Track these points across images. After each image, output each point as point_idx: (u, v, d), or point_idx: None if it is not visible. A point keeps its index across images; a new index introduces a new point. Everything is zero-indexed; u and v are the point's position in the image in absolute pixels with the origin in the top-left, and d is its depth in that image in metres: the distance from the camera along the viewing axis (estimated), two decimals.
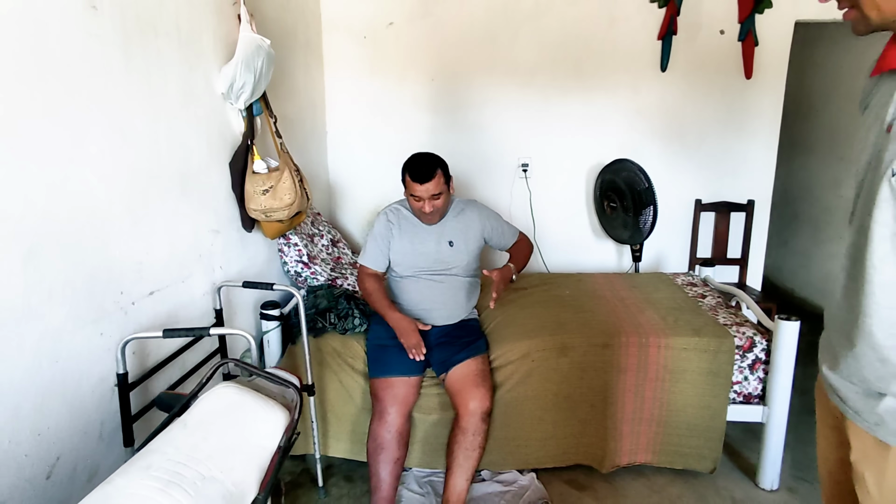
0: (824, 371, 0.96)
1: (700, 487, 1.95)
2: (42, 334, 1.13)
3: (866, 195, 0.83)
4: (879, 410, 0.84)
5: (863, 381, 0.86)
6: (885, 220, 0.79)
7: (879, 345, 0.82)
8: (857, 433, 0.89)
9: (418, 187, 1.86)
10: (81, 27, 1.21)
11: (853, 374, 0.88)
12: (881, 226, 0.80)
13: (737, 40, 2.81)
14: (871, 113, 0.87)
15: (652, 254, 3.08)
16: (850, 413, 0.90)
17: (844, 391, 0.91)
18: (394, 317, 1.92)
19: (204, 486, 0.87)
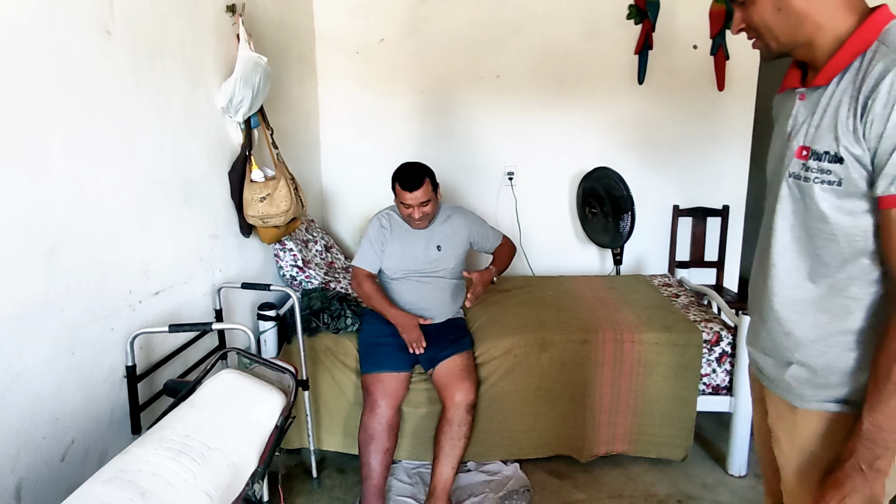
0: (748, 348, 1.10)
1: (673, 475, 2.07)
2: (60, 327, 1.25)
3: (772, 194, 0.97)
4: (787, 377, 0.97)
5: (774, 352, 0.99)
6: (785, 213, 0.93)
7: (784, 319, 0.95)
8: (773, 399, 1.02)
9: (408, 195, 1.98)
10: (97, 50, 1.34)
11: (767, 347, 1.02)
12: (782, 219, 0.94)
13: (709, 54, 2.97)
14: (779, 124, 1.01)
15: (633, 257, 3.21)
16: (767, 381, 1.03)
17: (761, 363, 1.04)
18: (395, 314, 2.03)
19: (210, 456, 0.99)
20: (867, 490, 0.82)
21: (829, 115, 0.86)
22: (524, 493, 1.98)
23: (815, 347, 0.93)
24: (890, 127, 0.78)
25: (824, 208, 0.87)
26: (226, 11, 1.96)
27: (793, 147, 0.92)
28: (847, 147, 0.82)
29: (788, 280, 0.94)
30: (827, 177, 0.85)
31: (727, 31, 2.91)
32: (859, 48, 0.83)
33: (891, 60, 0.79)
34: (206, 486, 0.94)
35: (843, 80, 0.85)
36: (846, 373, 0.90)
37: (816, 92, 0.90)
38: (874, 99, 0.79)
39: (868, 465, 0.82)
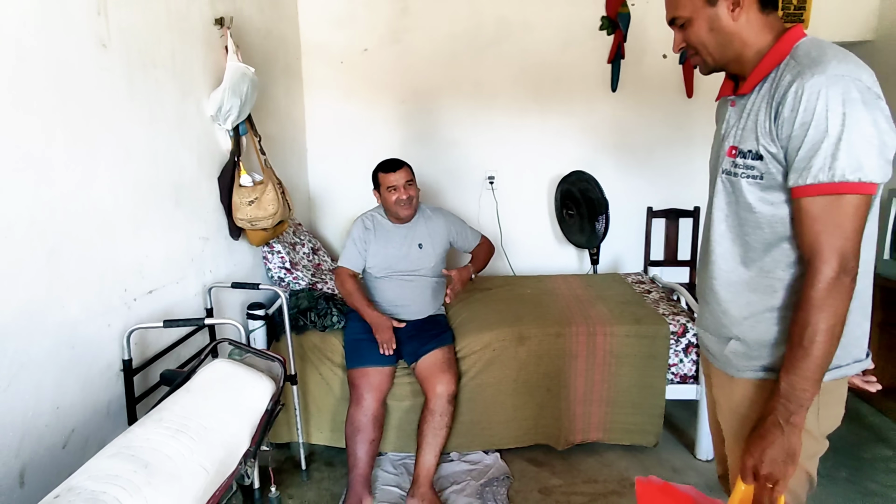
0: (697, 329, 1.23)
1: (645, 460, 2.19)
2: (61, 322, 1.33)
3: (711, 188, 1.10)
4: (726, 352, 1.09)
5: (716, 330, 1.12)
6: (720, 205, 1.06)
7: (722, 300, 1.08)
8: (716, 372, 1.15)
9: (392, 176, 2.10)
10: (95, 62, 1.43)
11: (710, 326, 1.14)
12: (718, 210, 1.07)
13: (678, 63, 3.13)
14: (717, 128, 1.15)
15: (610, 257, 3.34)
16: (711, 357, 1.16)
17: (706, 341, 1.17)
18: (371, 314, 2.13)
19: (206, 435, 1.08)
20: (785, 442, 0.93)
21: (752, 118, 0.99)
22: (504, 480, 2.08)
23: (747, 324, 1.05)
24: (795, 128, 0.90)
25: (751, 200, 0.99)
26: (214, 24, 2.05)
27: (725, 147, 1.05)
28: (765, 146, 0.96)
29: (725, 264, 1.07)
30: (751, 172, 0.98)
31: None
32: (775, 61, 0.97)
33: (796, 73, 0.91)
34: (203, 461, 1.03)
35: (762, 89, 0.98)
36: (772, 344, 1.02)
37: (743, 99, 1.03)
38: (783, 105, 0.92)
39: (785, 421, 0.93)
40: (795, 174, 0.92)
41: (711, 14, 0.99)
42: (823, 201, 0.89)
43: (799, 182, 0.91)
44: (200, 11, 1.97)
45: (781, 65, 0.96)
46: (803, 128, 0.89)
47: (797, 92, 0.90)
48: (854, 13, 3.00)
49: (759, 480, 0.96)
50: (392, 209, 2.18)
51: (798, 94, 0.89)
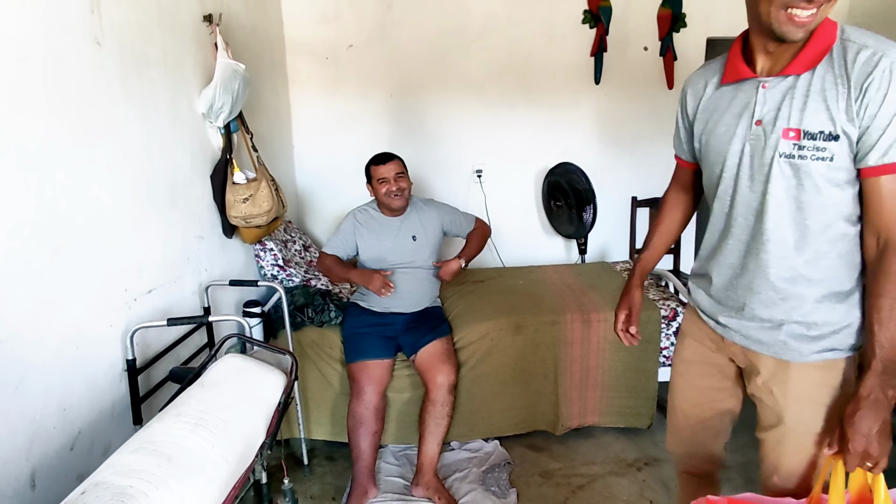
0: (724, 321, 1.18)
1: (640, 441, 2.25)
2: (66, 323, 1.32)
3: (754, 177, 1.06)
4: (783, 338, 1.08)
5: (770, 318, 1.10)
6: (775, 192, 1.02)
7: (780, 287, 1.07)
8: (762, 360, 1.13)
9: (382, 168, 2.13)
10: (90, 60, 1.41)
11: (759, 314, 1.11)
12: (774, 197, 1.03)
13: (658, 55, 3.20)
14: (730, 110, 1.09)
15: (596, 247, 3.41)
16: (756, 346, 1.13)
17: (747, 331, 1.14)
18: (355, 273, 2.16)
19: (225, 428, 1.09)
20: (887, 415, 0.95)
21: (817, 98, 0.96)
22: (505, 466, 2.13)
23: (807, 307, 1.05)
24: (884, 107, 0.90)
25: (819, 182, 0.98)
26: (203, 21, 2.03)
27: (777, 129, 1.00)
28: (843, 126, 0.94)
29: (780, 251, 1.04)
30: (822, 153, 0.96)
31: (674, 33, 3.15)
32: (828, 42, 0.96)
33: (873, 52, 0.91)
34: (224, 453, 1.04)
35: (819, 70, 0.96)
36: (834, 324, 1.04)
37: (785, 80, 1.00)
38: (869, 83, 0.91)
39: (884, 395, 0.94)
40: (878, 152, 0.92)
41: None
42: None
43: (885, 160, 0.92)
44: (189, 8, 1.95)
45: (836, 45, 0.95)
46: (891, 107, 0.90)
47: (886, 70, 0.89)
48: None
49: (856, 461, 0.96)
50: (384, 201, 2.20)
51: (887, 71, 0.90)
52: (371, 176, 2.20)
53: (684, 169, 1.33)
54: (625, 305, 1.39)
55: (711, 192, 1.17)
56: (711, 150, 1.14)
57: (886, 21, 2.86)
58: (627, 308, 1.39)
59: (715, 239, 1.18)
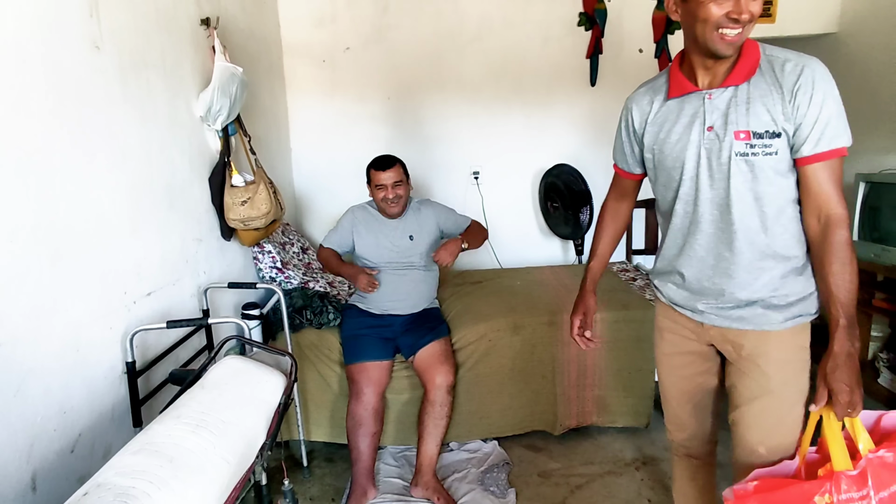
0: (703, 308, 1.27)
1: (637, 440, 2.27)
2: (66, 325, 1.32)
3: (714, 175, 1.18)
4: (760, 310, 1.20)
5: (745, 298, 1.21)
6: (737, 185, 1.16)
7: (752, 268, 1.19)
8: (745, 335, 1.23)
9: (381, 175, 2.14)
10: (89, 64, 1.42)
11: (735, 297, 1.22)
12: (736, 190, 1.16)
13: (653, 57, 3.22)
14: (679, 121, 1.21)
15: None
16: (737, 323, 1.24)
17: (728, 313, 1.24)
18: (345, 269, 2.19)
19: (225, 429, 1.09)
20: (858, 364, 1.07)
21: (758, 104, 1.11)
22: (504, 466, 2.13)
23: (777, 282, 1.19)
24: (811, 108, 1.07)
25: (770, 174, 1.13)
26: (200, 24, 2.04)
27: (729, 133, 1.14)
28: (783, 125, 1.10)
29: (748, 237, 1.18)
30: (769, 149, 1.12)
31: (669, 35, 3.17)
32: (757, 57, 1.13)
33: (795, 64, 1.09)
34: (225, 454, 1.05)
35: (753, 81, 1.13)
36: (799, 293, 1.19)
37: (726, 91, 1.15)
38: (799, 89, 1.08)
39: (853, 347, 1.06)
40: (811, 144, 1.09)
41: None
42: (833, 163, 1.09)
43: (816, 150, 1.09)
44: (187, 12, 1.96)
45: (762, 59, 1.13)
46: (817, 106, 1.07)
47: (808, 77, 1.07)
48: (818, 7, 3.13)
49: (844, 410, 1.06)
50: (380, 206, 2.22)
51: (809, 78, 1.07)
52: (370, 179, 2.21)
53: (625, 179, 1.45)
54: (579, 311, 1.49)
55: (671, 196, 1.26)
56: (667, 157, 1.25)
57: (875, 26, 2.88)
58: (582, 313, 1.48)
59: (680, 238, 1.28)
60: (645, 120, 1.29)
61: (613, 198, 1.51)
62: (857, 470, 1.01)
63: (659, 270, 1.39)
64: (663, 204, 1.31)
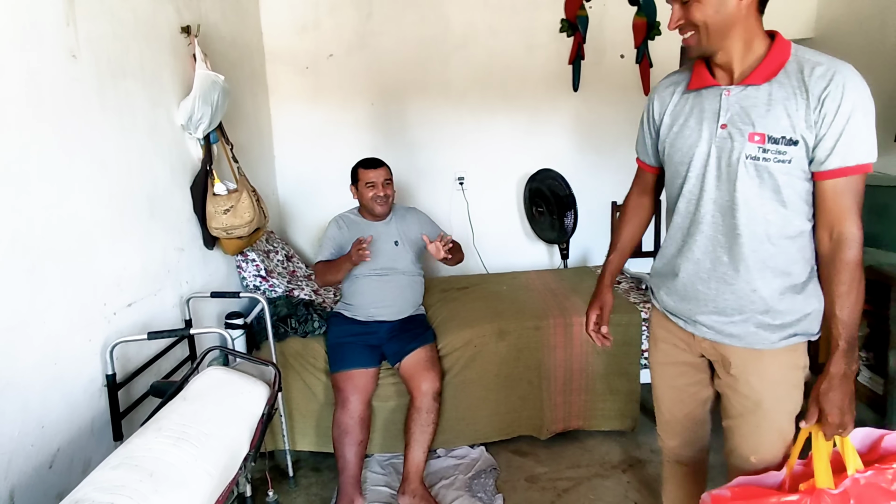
0: (695, 318, 1.24)
1: (624, 443, 2.28)
2: (45, 338, 1.30)
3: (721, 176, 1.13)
4: (752, 328, 1.16)
5: (739, 309, 1.17)
6: (743, 189, 1.11)
7: (752, 278, 1.14)
8: (735, 352, 1.20)
9: (372, 172, 2.16)
10: (66, 73, 1.40)
11: (728, 307, 1.18)
12: (742, 194, 1.11)
13: (635, 62, 3.26)
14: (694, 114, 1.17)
15: (578, 251, 3.45)
16: (728, 339, 1.20)
17: (720, 324, 1.20)
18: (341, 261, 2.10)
19: (207, 441, 1.08)
20: (853, 387, 1.05)
21: (778, 107, 1.06)
22: (491, 472, 2.13)
23: (775, 297, 1.14)
24: (838, 117, 1.01)
25: (780, 181, 1.08)
26: (181, 32, 2.03)
27: (743, 134, 1.09)
28: (802, 133, 1.04)
29: (751, 244, 1.13)
30: (782, 156, 1.06)
31: (649, 41, 3.21)
32: (783, 57, 1.07)
33: (827, 69, 1.02)
34: (207, 467, 1.04)
35: (779, 82, 1.06)
36: (796, 313, 1.14)
37: (746, 90, 1.09)
38: (827, 96, 1.01)
39: (850, 370, 1.04)
40: (834, 157, 1.03)
41: None
42: (854, 179, 1.04)
43: (838, 164, 1.03)
44: (167, 20, 1.95)
45: (790, 61, 1.07)
46: (844, 117, 1.01)
47: (840, 84, 1.01)
48: (795, 12, 3.19)
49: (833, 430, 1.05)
50: (368, 205, 2.22)
51: (840, 85, 1.01)
52: (359, 178, 2.21)
53: (646, 173, 1.40)
54: (596, 306, 1.45)
55: (675, 192, 1.23)
56: (677, 152, 1.21)
57: (851, 30, 2.95)
58: (599, 308, 1.45)
59: (680, 237, 1.24)
60: (664, 110, 1.25)
61: (636, 192, 1.46)
62: (839, 489, 1.01)
63: (657, 270, 1.35)
64: (669, 200, 1.28)
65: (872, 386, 2.48)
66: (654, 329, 1.39)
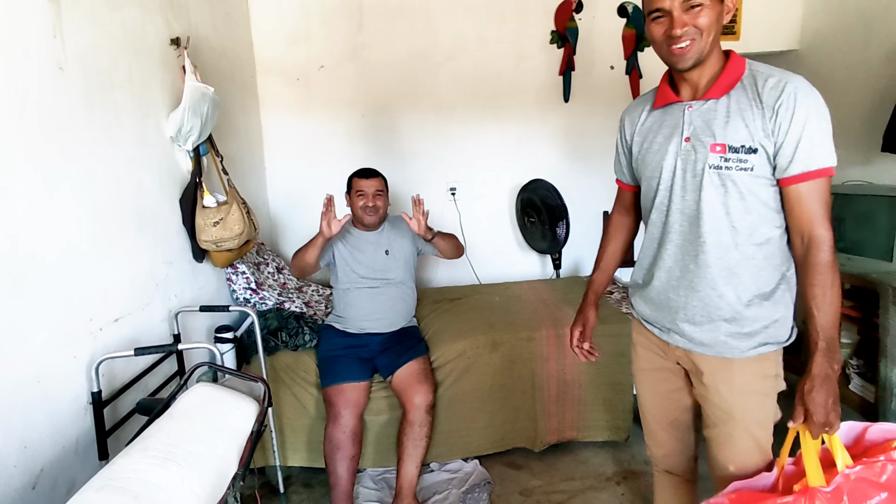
0: (668, 326, 1.28)
1: (618, 454, 2.27)
2: (27, 355, 1.27)
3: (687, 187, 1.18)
4: (721, 337, 1.18)
5: (706, 317, 1.19)
6: (708, 198, 1.15)
7: (717, 285, 1.18)
8: (707, 361, 1.22)
9: (364, 182, 2.17)
10: (52, 85, 1.38)
11: (696, 316, 1.21)
12: (707, 203, 1.15)
13: (624, 73, 3.29)
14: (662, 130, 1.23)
15: (570, 261, 3.45)
16: (699, 348, 1.22)
17: (691, 333, 1.23)
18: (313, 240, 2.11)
19: (195, 461, 1.06)
20: (836, 387, 1.07)
21: (737, 118, 1.11)
22: (485, 485, 2.11)
23: (741, 304, 1.16)
24: (793, 125, 1.05)
25: (743, 189, 1.11)
26: (170, 44, 2.02)
27: (705, 145, 1.14)
28: (761, 141, 1.09)
29: (716, 252, 1.16)
30: (744, 164, 1.10)
31: (639, 52, 3.25)
32: (740, 71, 1.13)
33: (779, 80, 1.08)
34: (194, 487, 1.01)
35: (734, 94, 1.12)
36: (763, 321, 1.16)
37: (706, 104, 1.15)
38: (781, 105, 1.06)
39: (832, 370, 1.06)
40: (794, 163, 1.07)
41: (720, 9, 1.10)
42: (818, 183, 1.07)
43: (799, 170, 1.07)
44: (156, 32, 1.94)
45: (745, 75, 1.12)
46: (799, 125, 1.05)
47: (791, 94, 1.05)
48: (780, 24, 3.24)
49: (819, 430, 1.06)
50: (358, 214, 2.22)
51: (791, 95, 1.05)
52: (351, 187, 2.21)
53: (625, 192, 1.46)
54: (579, 323, 1.50)
55: (649, 205, 1.28)
56: (648, 166, 1.26)
57: (835, 43, 3.00)
58: (581, 326, 1.49)
59: (654, 247, 1.29)
60: (634, 130, 1.31)
61: (618, 211, 1.52)
62: (831, 486, 1.02)
63: (634, 280, 1.40)
64: (644, 214, 1.33)
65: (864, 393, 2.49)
66: (634, 336, 1.44)
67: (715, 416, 1.25)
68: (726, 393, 1.21)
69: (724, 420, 1.23)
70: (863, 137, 2.69)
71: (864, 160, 2.72)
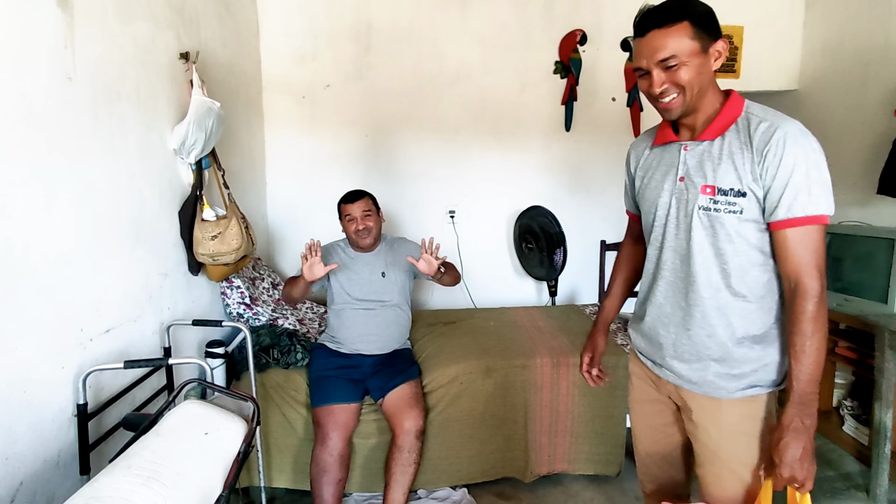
0: (661, 362, 1.28)
1: (609, 489, 2.23)
2: (14, 364, 1.25)
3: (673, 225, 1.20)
4: (710, 377, 1.18)
5: (697, 357, 1.19)
6: (698, 238, 1.16)
7: (707, 324, 1.17)
8: (695, 399, 1.22)
9: (350, 206, 2.16)
10: (59, 95, 1.39)
11: (685, 353, 1.21)
12: (696, 243, 1.16)
13: (626, 105, 3.34)
14: (660, 169, 1.25)
15: (567, 289, 3.45)
16: (688, 385, 1.22)
17: (680, 370, 1.23)
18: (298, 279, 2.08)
19: (179, 480, 1.03)
20: (809, 444, 1.04)
21: (727, 161, 1.11)
22: None
23: (730, 345, 1.16)
24: (780, 170, 1.05)
25: (731, 231, 1.12)
26: (179, 58, 2.04)
27: (696, 186, 1.15)
28: (749, 185, 1.09)
29: (706, 292, 1.16)
30: (732, 207, 1.11)
31: None
32: (735, 113, 1.13)
33: (770, 124, 1.07)
34: None
35: (727, 137, 1.13)
36: (753, 363, 1.15)
37: (701, 144, 1.16)
38: (768, 150, 1.06)
39: (803, 424, 1.04)
40: (782, 208, 1.06)
41: (703, 60, 1.10)
42: (807, 230, 1.05)
43: (787, 215, 1.06)
44: (166, 46, 1.96)
45: (741, 118, 1.12)
46: (787, 170, 1.04)
47: (780, 139, 1.05)
48: (779, 65, 3.31)
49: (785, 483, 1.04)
50: (352, 239, 2.23)
51: (780, 140, 1.05)
52: (341, 214, 2.21)
53: (635, 223, 1.46)
54: (588, 349, 1.53)
55: (647, 239, 1.30)
56: (645, 202, 1.29)
57: (833, 84, 3.06)
58: (591, 352, 1.52)
59: (648, 282, 1.30)
60: (637, 164, 1.34)
61: (628, 241, 1.52)
62: None
63: (634, 312, 1.41)
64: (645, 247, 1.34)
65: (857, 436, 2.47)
66: (631, 366, 1.45)
67: (703, 455, 1.24)
68: (714, 432, 1.21)
69: (710, 460, 1.22)
70: (861, 178, 2.72)
71: (862, 200, 2.75)
